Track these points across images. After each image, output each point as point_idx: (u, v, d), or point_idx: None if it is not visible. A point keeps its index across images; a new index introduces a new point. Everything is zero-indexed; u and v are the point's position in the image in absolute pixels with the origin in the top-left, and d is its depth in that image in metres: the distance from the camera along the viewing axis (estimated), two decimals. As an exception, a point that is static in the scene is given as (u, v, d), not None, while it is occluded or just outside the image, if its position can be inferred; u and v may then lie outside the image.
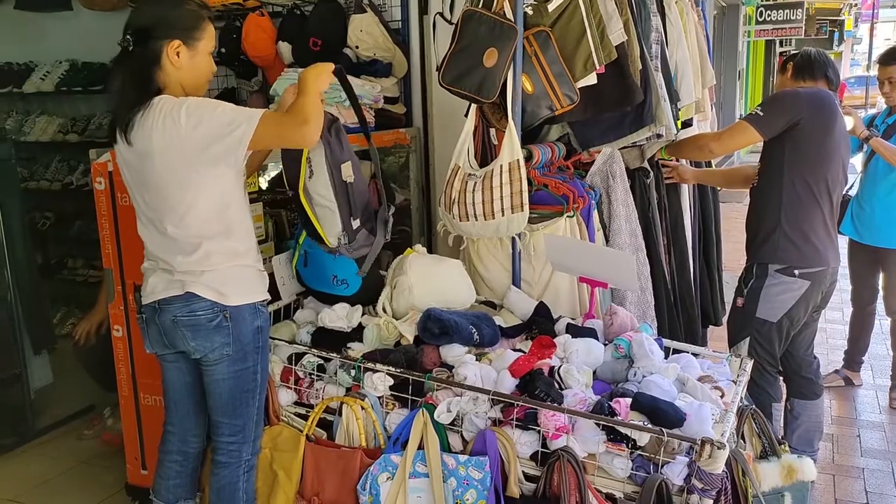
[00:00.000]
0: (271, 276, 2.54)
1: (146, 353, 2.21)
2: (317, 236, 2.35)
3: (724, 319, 3.69)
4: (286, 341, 2.49)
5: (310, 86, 2.04)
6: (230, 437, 2.14)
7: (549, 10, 2.62)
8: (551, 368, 2.21)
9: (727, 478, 1.94)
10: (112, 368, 2.76)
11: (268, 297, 2.18)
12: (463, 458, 2.07)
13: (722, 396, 2.19)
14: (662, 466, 1.93)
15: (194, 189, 1.96)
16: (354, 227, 2.31)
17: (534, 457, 2.07)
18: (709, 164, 3.71)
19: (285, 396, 2.41)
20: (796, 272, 2.73)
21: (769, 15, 11.27)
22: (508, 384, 2.16)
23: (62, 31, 4.81)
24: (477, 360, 2.31)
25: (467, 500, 2.04)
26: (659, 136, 2.94)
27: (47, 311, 4.07)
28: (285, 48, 3.56)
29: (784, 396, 3.03)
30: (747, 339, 2.81)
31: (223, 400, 2.11)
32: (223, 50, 3.77)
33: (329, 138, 2.24)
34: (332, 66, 2.14)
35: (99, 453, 3.35)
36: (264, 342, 2.15)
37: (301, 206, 2.31)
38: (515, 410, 2.07)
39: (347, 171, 2.28)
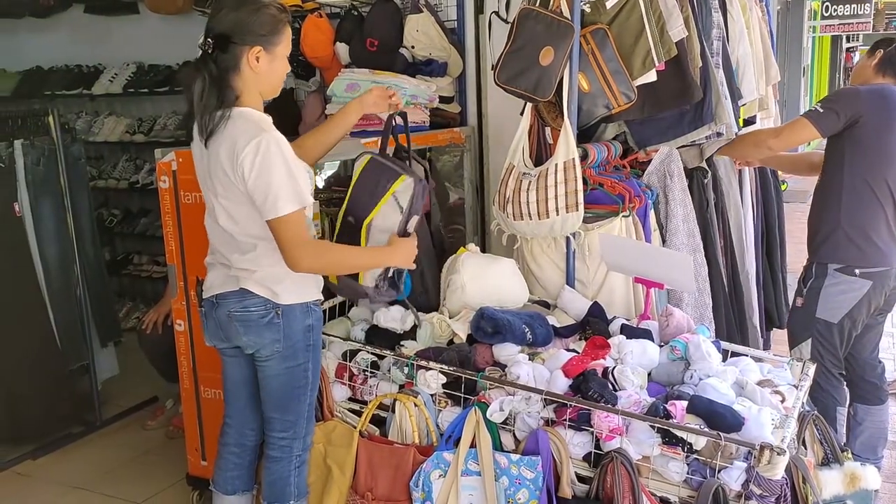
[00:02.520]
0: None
1: (206, 347, 2.27)
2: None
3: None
4: (341, 338, 2.52)
5: (380, 256, 2.21)
6: (282, 433, 2.18)
7: (608, 7, 2.59)
8: (605, 369, 2.19)
9: (787, 484, 1.90)
10: (174, 360, 2.84)
11: (320, 297, 2.19)
12: (515, 457, 2.07)
13: (782, 401, 2.14)
14: (719, 471, 1.89)
15: (248, 207, 2.00)
16: (389, 275, 2.31)
17: (587, 458, 2.06)
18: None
19: (339, 392, 2.45)
20: (857, 272, 2.66)
21: (835, 10, 10.90)
22: (561, 384, 2.15)
23: (129, 35, 4.98)
24: (530, 359, 2.30)
25: (519, 499, 2.04)
26: (719, 134, 2.88)
27: (113, 305, 4.22)
28: (342, 49, 3.61)
29: (848, 401, 2.94)
30: (809, 341, 2.75)
31: (275, 396, 2.15)
32: (282, 51, 3.84)
33: (418, 190, 2.25)
34: (414, 251, 2.24)
35: (161, 444, 3.46)
36: (316, 341, 2.17)
37: (356, 237, 2.28)
38: (568, 411, 2.06)
39: (412, 224, 2.30)
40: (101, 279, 3.86)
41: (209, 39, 1.98)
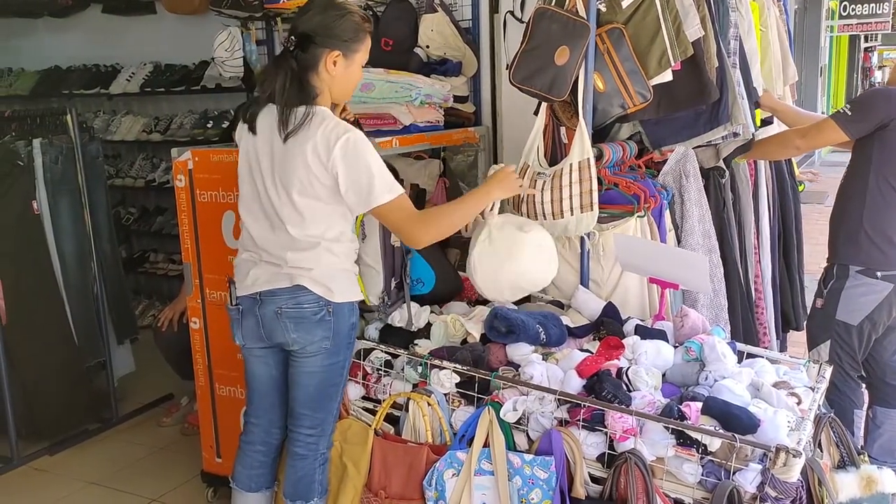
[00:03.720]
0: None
1: (223, 344, 2.29)
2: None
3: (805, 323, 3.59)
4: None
5: (485, 195, 2.31)
6: (310, 430, 2.19)
7: (623, 6, 2.58)
8: (619, 370, 2.18)
9: (802, 487, 1.89)
10: (190, 358, 2.86)
11: (362, 297, 2.26)
12: (528, 457, 2.06)
13: (798, 403, 2.12)
14: (734, 473, 1.88)
15: (323, 203, 2.05)
16: (392, 286, 2.40)
17: (600, 458, 2.05)
18: (789, 165, 3.61)
19: (354, 391, 2.46)
20: (878, 274, 2.64)
21: (853, 9, 10.82)
22: (575, 384, 2.14)
23: (146, 34, 5.02)
24: (544, 359, 2.30)
25: (532, 499, 2.04)
26: (735, 134, 2.86)
27: (130, 302, 4.25)
28: (357, 48, 3.62)
29: (866, 404, 2.92)
30: (828, 342, 2.73)
31: (309, 392, 2.17)
32: (298, 51, 3.86)
33: None
34: (513, 171, 2.37)
35: (176, 441, 3.48)
36: (354, 339, 2.23)
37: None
38: (582, 411, 2.06)
39: (396, 236, 2.35)
40: (118, 277, 3.89)
41: (293, 38, 2.05)
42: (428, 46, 3.50)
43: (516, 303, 2.68)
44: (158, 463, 3.30)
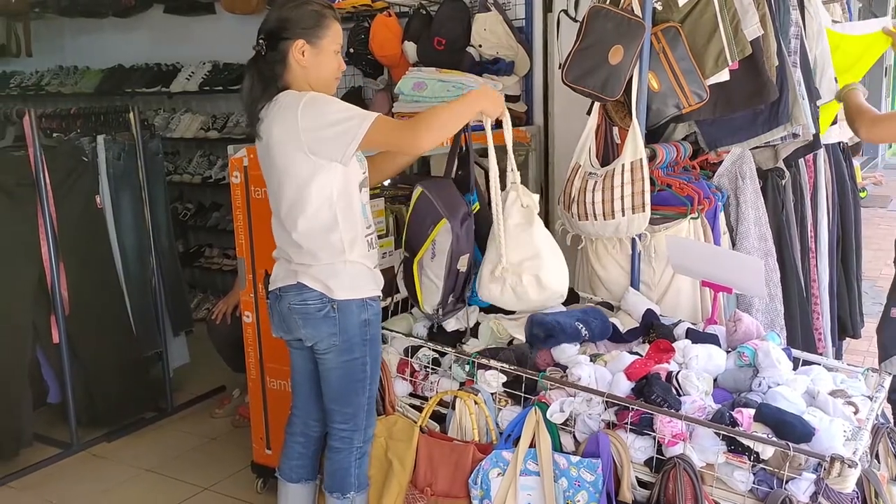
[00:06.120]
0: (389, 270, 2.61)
1: (273, 338, 2.33)
2: (414, 296, 2.43)
3: (863, 331, 3.48)
4: (403, 334, 2.55)
5: (468, 100, 2.17)
6: (342, 425, 2.21)
7: (680, 4, 2.55)
8: (669, 373, 2.15)
9: (858, 498, 1.83)
10: (241, 351, 2.92)
11: (377, 294, 2.21)
12: (575, 459, 2.05)
13: (856, 413, 2.06)
14: (787, 482, 1.84)
15: (305, 183, 2.05)
16: (449, 302, 2.40)
17: (648, 463, 2.02)
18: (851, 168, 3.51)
19: (401, 387, 2.47)
20: None
21: (923, 6, 10.41)
22: (624, 387, 2.12)
23: (206, 34, 5.13)
24: (592, 360, 2.28)
25: (578, 501, 2.02)
26: (795, 135, 2.79)
27: (186, 296, 4.35)
28: (410, 48, 3.64)
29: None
30: None
31: (334, 388, 2.19)
32: (351, 50, 3.90)
33: (459, 233, 2.30)
34: (495, 97, 2.24)
35: (227, 432, 3.56)
36: (373, 335, 2.19)
37: (410, 272, 2.39)
38: (630, 414, 2.04)
39: (463, 262, 2.35)
40: (175, 270, 3.98)
41: (260, 40, 2.11)
42: (480, 46, 3.51)
43: (565, 305, 2.67)
44: (210, 453, 3.37)
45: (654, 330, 2.46)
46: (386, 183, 3.38)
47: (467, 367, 2.32)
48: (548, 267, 2.32)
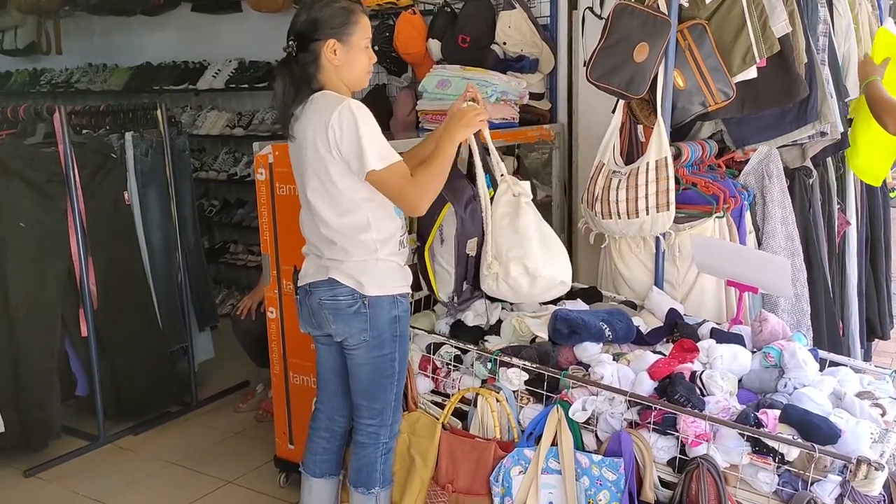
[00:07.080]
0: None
1: (297, 334, 2.35)
2: (429, 285, 2.44)
3: (893, 332, 3.44)
4: (426, 331, 2.56)
5: (450, 141, 2.13)
6: (369, 420, 2.23)
7: (707, 1, 2.52)
8: (693, 373, 2.14)
9: (884, 501, 1.81)
10: (265, 346, 2.95)
11: (407, 290, 2.22)
12: (597, 457, 2.04)
13: (883, 414, 2.03)
14: (812, 484, 1.82)
15: (336, 184, 2.06)
16: (464, 289, 2.41)
17: (671, 463, 2.01)
18: None
19: (423, 384, 2.48)
20: None
21: (958, 2, 10.21)
22: (647, 386, 2.11)
23: (232, 32, 5.18)
24: (615, 359, 2.27)
25: (600, 500, 2.02)
26: (823, 134, 2.76)
27: (211, 291, 4.40)
28: (434, 45, 3.65)
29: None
30: None
31: (363, 384, 2.20)
32: (376, 48, 3.91)
33: (464, 216, 2.31)
34: (482, 113, 2.21)
35: (251, 426, 3.59)
36: (403, 332, 2.20)
37: (423, 260, 2.41)
38: (653, 414, 2.02)
39: (472, 246, 2.35)
40: (201, 266, 4.02)
41: (291, 41, 2.11)
42: (505, 43, 3.50)
43: (589, 303, 2.67)
44: (233, 447, 3.41)
45: (678, 329, 2.44)
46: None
47: (489, 365, 2.32)
48: (534, 255, 2.25)
